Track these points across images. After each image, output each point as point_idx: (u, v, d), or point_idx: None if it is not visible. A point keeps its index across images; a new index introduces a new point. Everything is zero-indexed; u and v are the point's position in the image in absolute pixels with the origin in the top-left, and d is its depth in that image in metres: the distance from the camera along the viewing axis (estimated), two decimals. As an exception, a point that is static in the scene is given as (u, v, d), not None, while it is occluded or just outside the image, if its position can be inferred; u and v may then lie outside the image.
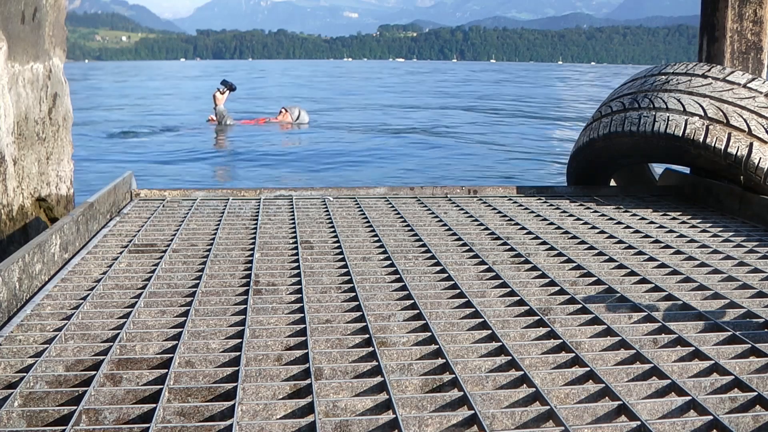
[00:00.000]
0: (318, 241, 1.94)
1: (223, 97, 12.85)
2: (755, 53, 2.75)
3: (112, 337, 1.24)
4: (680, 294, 1.49)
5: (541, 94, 28.50)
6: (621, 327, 1.29)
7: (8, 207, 2.36)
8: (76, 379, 1.07)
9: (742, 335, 1.24)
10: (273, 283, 1.55)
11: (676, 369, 1.11)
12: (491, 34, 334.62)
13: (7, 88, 2.37)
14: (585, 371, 1.10)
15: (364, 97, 23.97)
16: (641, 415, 0.95)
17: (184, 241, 1.93)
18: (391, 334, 1.28)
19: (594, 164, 2.80)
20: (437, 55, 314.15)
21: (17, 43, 2.44)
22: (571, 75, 60.45)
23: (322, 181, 7.98)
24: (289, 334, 1.26)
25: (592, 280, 1.59)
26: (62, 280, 1.57)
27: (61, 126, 2.83)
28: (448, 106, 19.94)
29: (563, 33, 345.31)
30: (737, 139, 2.24)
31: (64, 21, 2.91)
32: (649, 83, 2.51)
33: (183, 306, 1.40)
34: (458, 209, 2.42)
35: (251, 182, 7.97)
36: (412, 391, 1.06)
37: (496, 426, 0.95)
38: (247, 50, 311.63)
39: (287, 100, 18.90)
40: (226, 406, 0.97)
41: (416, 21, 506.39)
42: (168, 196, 2.56)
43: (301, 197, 2.58)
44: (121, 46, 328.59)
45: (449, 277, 1.60)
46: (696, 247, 1.91)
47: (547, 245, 1.91)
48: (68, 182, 2.89)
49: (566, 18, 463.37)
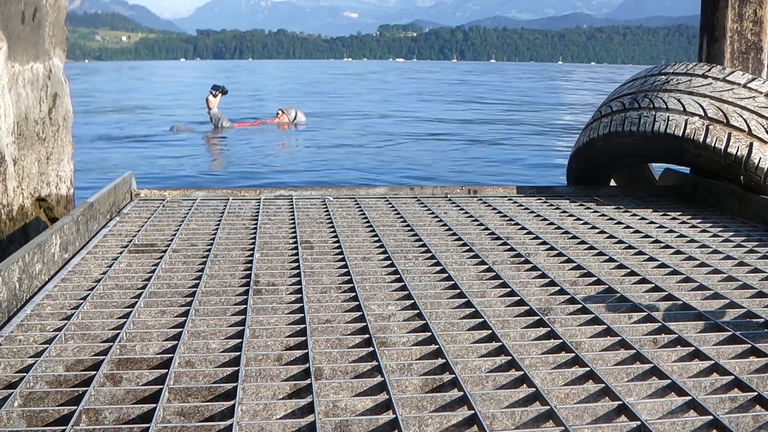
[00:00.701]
0: (318, 241, 1.94)
1: (215, 100, 12.83)
2: (755, 53, 2.75)
3: (112, 337, 1.24)
4: (680, 294, 1.49)
5: (540, 94, 28.51)
6: (621, 327, 1.29)
7: (8, 207, 2.36)
8: (76, 379, 1.07)
9: (742, 335, 1.24)
10: (273, 283, 1.55)
11: (676, 369, 1.11)
12: (491, 34, 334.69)
13: (7, 88, 2.37)
14: (585, 371, 1.10)
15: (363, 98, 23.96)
16: (641, 415, 0.95)
17: (184, 241, 1.93)
18: (391, 334, 1.28)
19: (594, 164, 2.80)
20: (437, 55, 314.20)
21: (17, 43, 2.44)
22: (572, 74, 60.46)
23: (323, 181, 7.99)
24: (289, 334, 1.26)
25: (592, 280, 1.59)
26: (62, 280, 1.57)
27: (61, 126, 2.83)
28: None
29: (563, 33, 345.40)
30: (737, 139, 2.24)
31: (64, 21, 2.91)
32: (649, 83, 2.51)
33: (183, 306, 1.40)
34: (458, 209, 2.42)
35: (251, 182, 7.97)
36: (412, 391, 1.06)
37: (496, 426, 0.95)
38: (247, 50, 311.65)
39: (284, 102, 18.90)
40: (226, 406, 0.97)
41: (416, 21, 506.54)
42: (168, 196, 2.56)
43: (301, 197, 2.58)
44: (121, 46, 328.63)
45: (449, 277, 1.60)
46: (696, 247, 1.91)
47: (547, 245, 1.91)
48: (68, 182, 2.89)
49: (566, 18, 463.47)
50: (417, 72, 62.27)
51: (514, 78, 49.94)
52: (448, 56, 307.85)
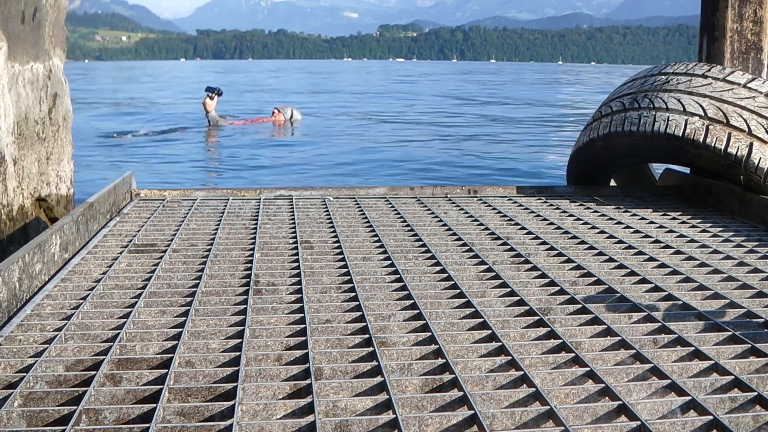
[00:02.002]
0: (318, 241, 1.94)
1: (212, 102, 12.84)
2: (755, 53, 2.75)
3: (112, 337, 1.24)
4: (680, 294, 1.49)
5: (540, 93, 28.51)
6: (621, 327, 1.29)
7: (8, 207, 2.36)
8: (76, 379, 1.07)
9: (742, 335, 1.24)
10: (273, 283, 1.55)
11: (676, 369, 1.11)
12: (491, 34, 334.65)
13: (7, 88, 2.37)
14: (585, 371, 1.10)
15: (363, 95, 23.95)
16: (641, 415, 0.95)
17: (184, 241, 1.93)
18: (391, 334, 1.28)
19: (594, 164, 2.80)
20: (437, 55, 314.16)
21: (17, 43, 2.44)
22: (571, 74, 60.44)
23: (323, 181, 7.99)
24: (289, 334, 1.26)
25: (592, 280, 1.59)
26: (62, 280, 1.57)
27: (61, 126, 2.83)
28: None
29: (563, 33, 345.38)
30: (737, 139, 2.24)
31: (64, 21, 2.91)
32: (649, 83, 2.51)
33: (183, 306, 1.40)
34: (458, 209, 2.42)
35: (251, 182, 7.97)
36: (412, 391, 1.06)
37: (496, 426, 0.95)
38: (247, 50, 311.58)
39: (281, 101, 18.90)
40: (226, 406, 0.97)
41: (416, 21, 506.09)
42: (168, 196, 2.56)
43: (301, 197, 2.58)
44: (121, 46, 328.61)
45: (449, 277, 1.60)
46: (696, 247, 1.91)
47: (547, 245, 1.91)
48: (68, 182, 2.89)
49: (566, 18, 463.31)
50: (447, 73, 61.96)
51: (518, 78, 49.90)
52: (448, 56, 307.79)
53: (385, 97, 24.35)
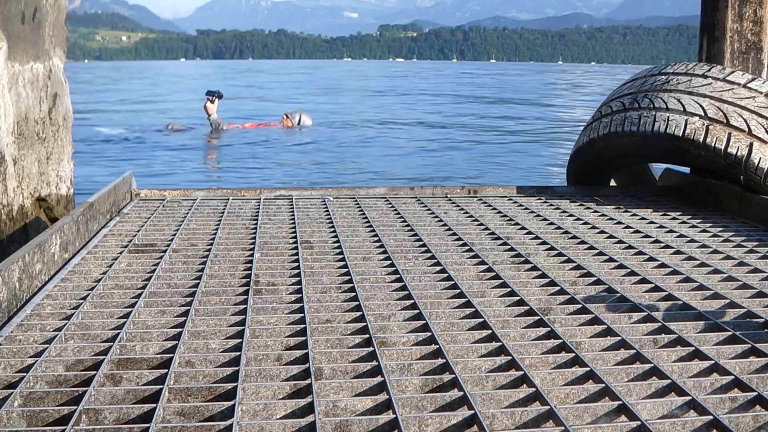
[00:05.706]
0: (318, 241, 1.94)
1: (213, 106, 12.82)
2: (755, 53, 2.75)
3: (112, 337, 1.24)
4: (680, 294, 1.49)
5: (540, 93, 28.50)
6: (621, 327, 1.29)
7: (8, 207, 2.36)
8: (76, 379, 1.07)
9: (742, 335, 1.24)
10: (273, 283, 1.55)
11: (676, 369, 1.11)
12: (491, 34, 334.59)
13: (7, 88, 2.37)
14: (585, 371, 1.10)
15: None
16: (641, 415, 0.95)
17: (184, 241, 1.93)
18: (391, 334, 1.28)
19: (594, 164, 2.80)
20: (437, 55, 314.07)
21: (17, 43, 2.44)
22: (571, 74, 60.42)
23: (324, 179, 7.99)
24: (289, 334, 1.26)
25: (592, 280, 1.59)
26: (62, 280, 1.57)
27: (61, 126, 2.83)
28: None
29: (563, 33, 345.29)
30: (737, 139, 2.24)
31: (64, 21, 2.90)
32: (649, 83, 2.51)
33: (183, 306, 1.40)
34: (458, 209, 2.42)
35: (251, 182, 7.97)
36: (412, 391, 1.06)
37: (496, 426, 0.95)
38: (247, 50, 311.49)
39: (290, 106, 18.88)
40: (226, 406, 0.97)
41: (416, 21, 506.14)
42: (168, 196, 2.56)
43: (301, 197, 2.58)
44: (121, 46, 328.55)
45: (449, 277, 1.60)
46: (696, 247, 1.91)
47: (547, 245, 1.91)
48: (68, 182, 2.89)
49: (566, 18, 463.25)
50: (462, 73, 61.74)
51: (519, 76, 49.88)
52: (448, 56, 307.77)
53: (385, 97, 24.31)
